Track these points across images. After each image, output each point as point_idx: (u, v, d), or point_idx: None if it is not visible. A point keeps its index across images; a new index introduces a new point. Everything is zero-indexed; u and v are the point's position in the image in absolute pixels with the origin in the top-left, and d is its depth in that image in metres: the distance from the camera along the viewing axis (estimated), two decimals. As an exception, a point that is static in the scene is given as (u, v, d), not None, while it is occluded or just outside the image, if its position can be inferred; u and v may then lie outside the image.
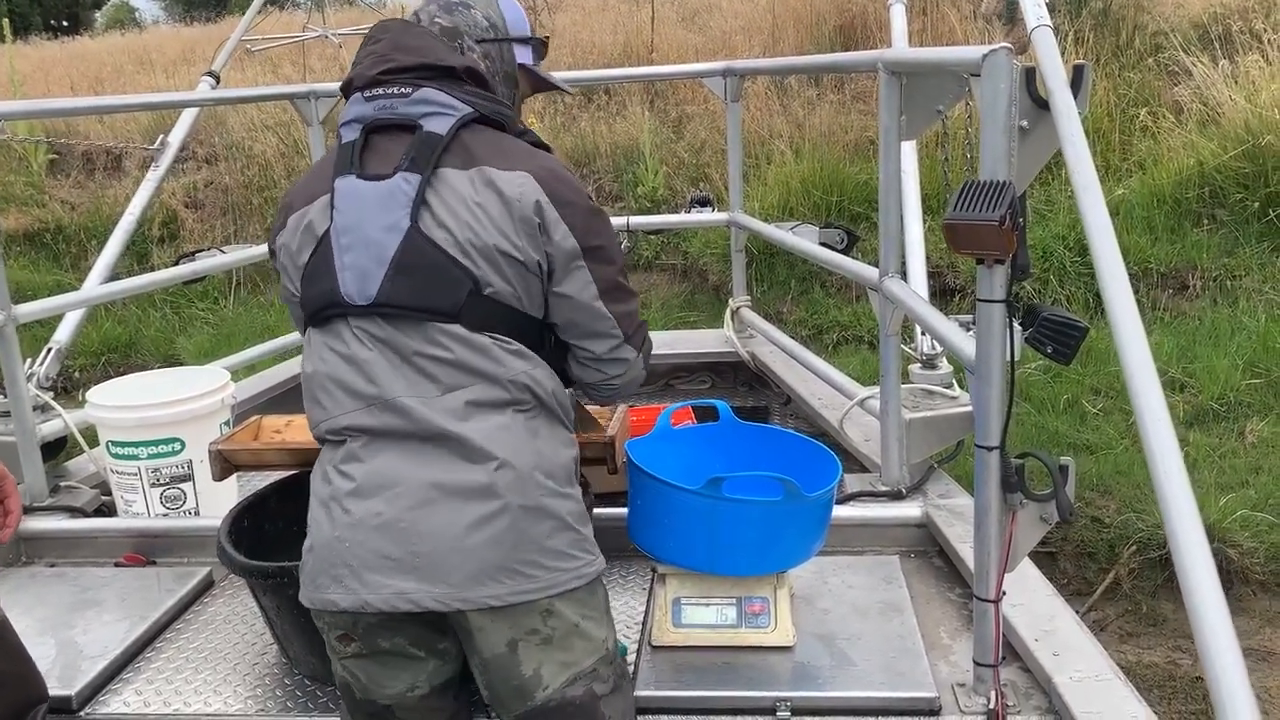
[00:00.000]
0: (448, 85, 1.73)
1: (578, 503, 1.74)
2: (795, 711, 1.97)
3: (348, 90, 1.79)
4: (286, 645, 2.23)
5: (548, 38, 2.06)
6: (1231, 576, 3.70)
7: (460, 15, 1.87)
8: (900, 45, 3.79)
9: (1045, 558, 3.88)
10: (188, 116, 4.31)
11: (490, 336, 1.68)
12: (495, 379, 1.67)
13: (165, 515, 2.93)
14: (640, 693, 2.02)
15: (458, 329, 1.66)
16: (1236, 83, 6.40)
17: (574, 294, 1.74)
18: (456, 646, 1.73)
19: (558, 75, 1.86)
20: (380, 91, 1.72)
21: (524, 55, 1.95)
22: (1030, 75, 1.79)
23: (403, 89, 1.71)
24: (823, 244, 3.54)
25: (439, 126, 1.69)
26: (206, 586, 2.62)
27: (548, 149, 1.82)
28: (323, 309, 1.72)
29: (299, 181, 1.84)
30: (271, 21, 9.52)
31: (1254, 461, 4.27)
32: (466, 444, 1.64)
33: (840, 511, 2.66)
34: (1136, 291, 5.88)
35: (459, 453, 1.64)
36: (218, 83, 4.34)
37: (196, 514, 2.96)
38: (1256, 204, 5.98)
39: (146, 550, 2.79)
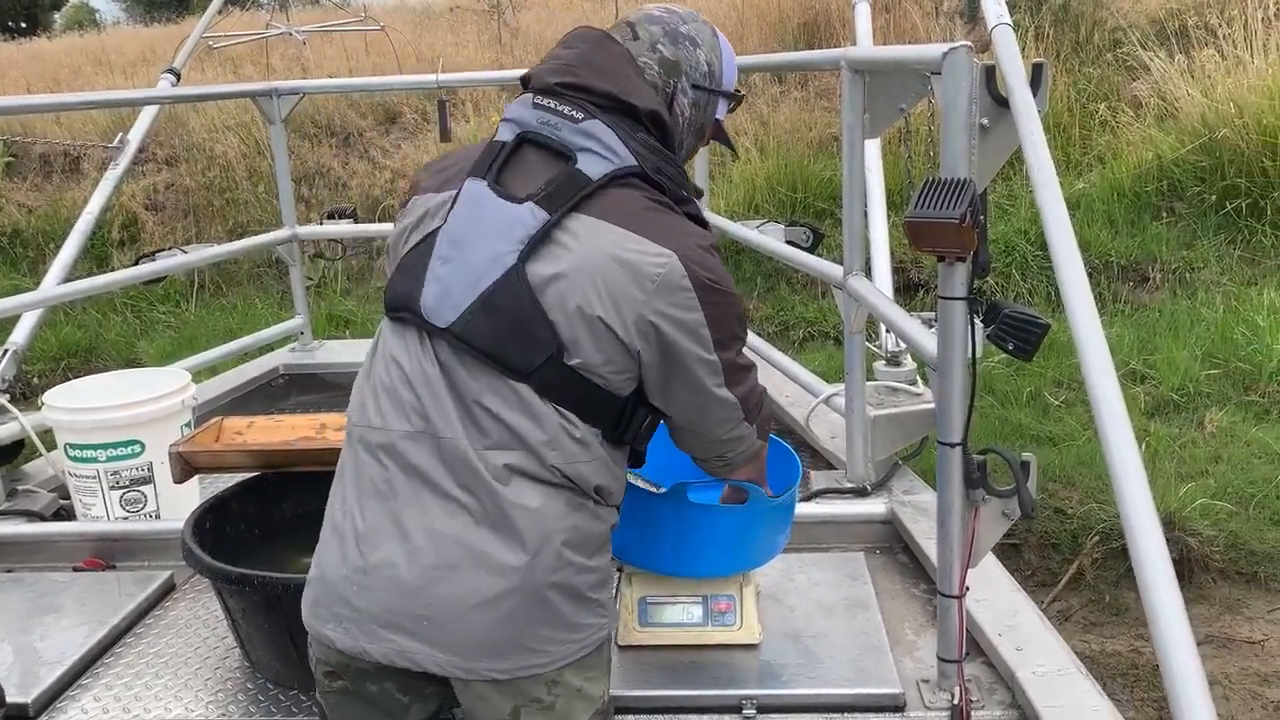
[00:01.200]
0: (623, 126, 1.57)
1: (603, 571, 1.62)
2: (761, 709, 1.97)
3: (525, 84, 1.66)
4: (250, 649, 2.21)
5: (744, 95, 1.91)
6: (1192, 565, 3.76)
7: (685, 51, 1.69)
8: (864, 43, 3.80)
9: (1010, 549, 3.93)
10: (148, 114, 4.25)
11: (557, 409, 1.51)
12: (540, 456, 1.51)
13: (125, 518, 2.90)
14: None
15: (525, 390, 1.50)
16: (1193, 77, 6.49)
17: (696, 386, 1.58)
18: (444, 690, 1.62)
19: (523, 73, 1.74)
20: (551, 105, 1.57)
21: (722, 110, 1.79)
22: (990, 73, 1.80)
23: (574, 112, 1.56)
24: (789, 242, 3.55)
25: (593, 169, 1.53)
26: (168, 590, 2.59)
27: (704, 224, 1.65)
28: (400, 309, 1.58)
29: (438, 160, 1.70)
30: (233, 21, 9.42)
31: (1213, 451, 4.33)
32: (503, 514, 1.51)
33: (806, 509, 2.67)
34: (1098, 285, 5.99)
35: (493, 520, 1.51)
36: (178, 80, 4.29)
37: (157, 517, 2.93)
38: (1214, 197, 6.07)
39: (106, 554, 2.75)
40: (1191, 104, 6.33)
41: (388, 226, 6.85)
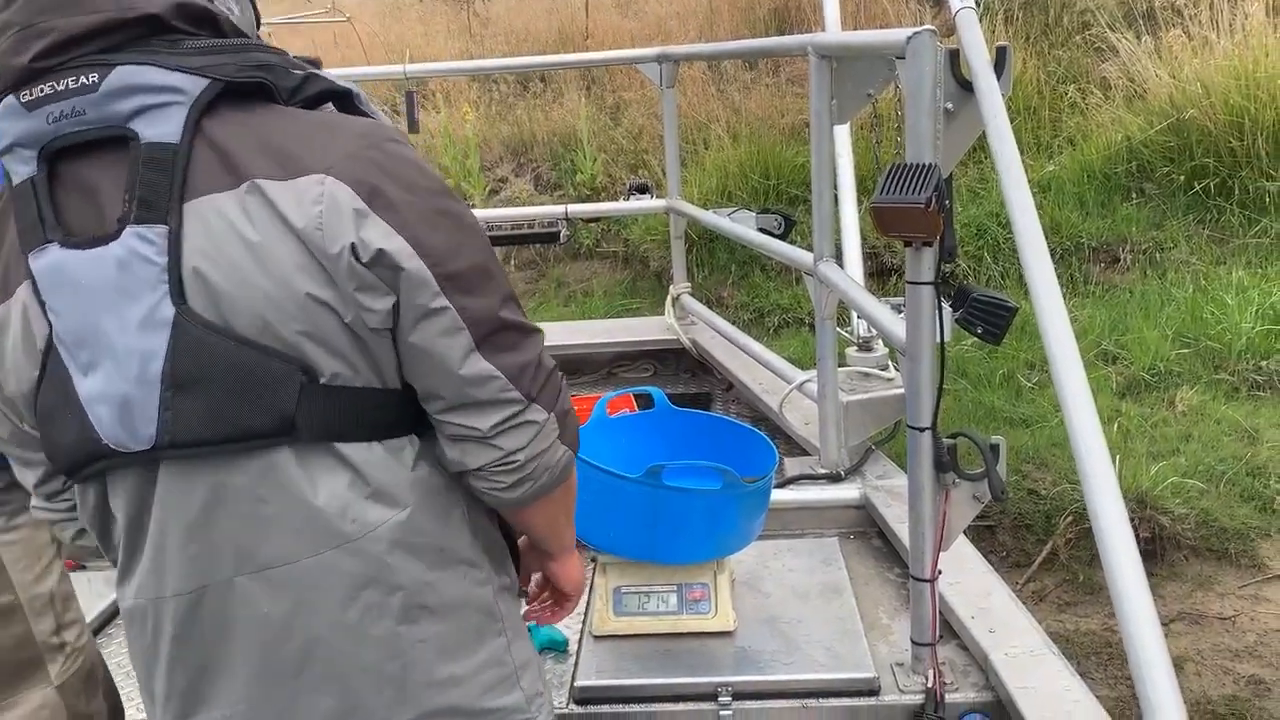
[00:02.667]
0: (156, 48, 1.08)
1: None
2: (737, 696, 1.98)
3: None
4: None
5: None
6: (1164, 543, 3.79)
7: None
8: (833, 29, 3.80)
9: (984, 530, 3.95)
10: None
11: (350, 448, 1.14)
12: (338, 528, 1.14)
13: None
14: (582, 682, 2.02)
15: (287, 454, 1.12)
16: (1161, 59, 6.52)
17: (431, 347, 1.13)
18: None
19: (492, 62, 1.53)
20: (46, 90, 1.05)
21: None
22: (954, 58, 1.80)
23: (85, 76, 1.05)
24: (761, 229, 3.55)
25: (164, 127, 1.07)
26: (140, 591, 2.57)
27: (361, 111, 1.20)
28: (83, 464, 1.14)
29: None
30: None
31: (1184, 430, 4.37)
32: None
33: (780, 495, 2.68)
34: (1069, 266, 6.02)
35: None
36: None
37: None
38: (1182, 177, 6.10)
39: (77, 554, 2.72)
40: (1160, 85, 6.36)
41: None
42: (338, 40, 9.78)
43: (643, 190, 4.29)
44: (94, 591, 2.52)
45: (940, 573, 1.91)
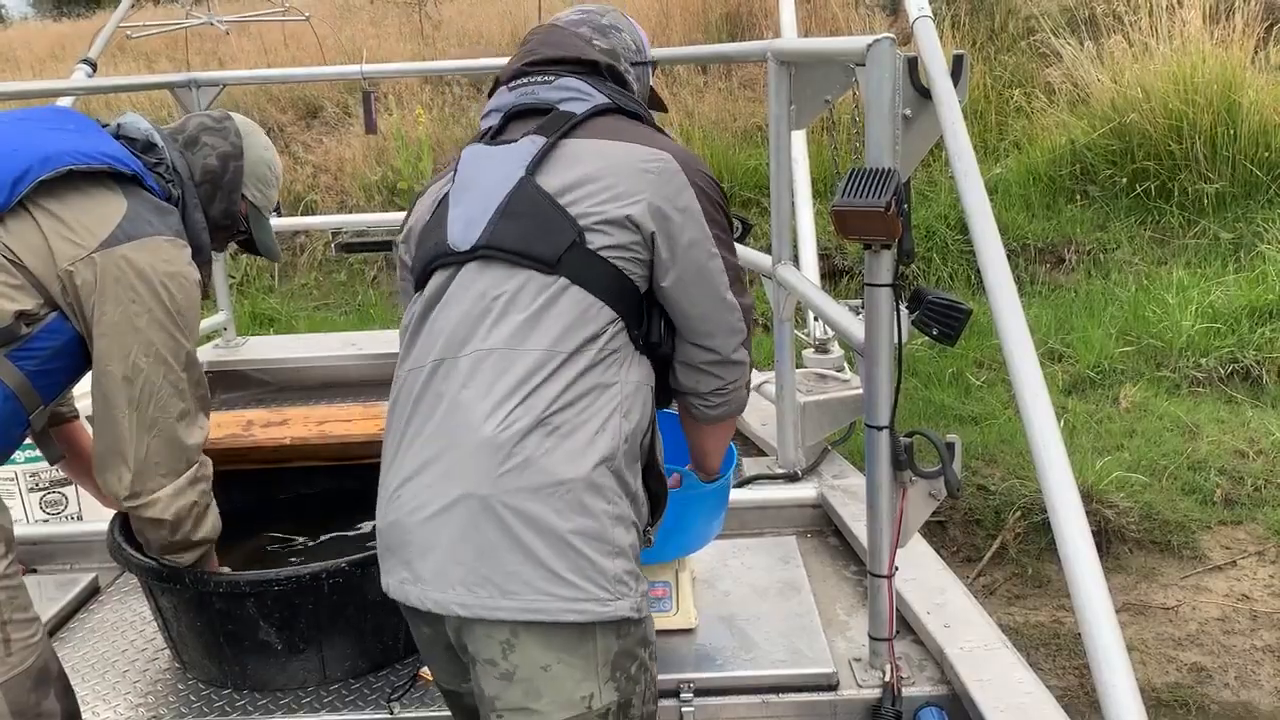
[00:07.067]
0: (590, 79, 1.70)
1: (611, 521, 1.45)
2: (699, 693, 2.01)
3: (497, 84, 1.76)
4: (181, 649, 2.18)
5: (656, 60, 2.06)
6: (1109, 536, 3.88)
7: (615, 38, 1.84)
8: (789, 35, 3.84)
9: (936, 526, 4.02)
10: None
11: (588, 294, 1.52)
12: (562, 350, 1.48)
13: (46, 521, 2.83)
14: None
15: (559, 282, 1.51)
16: (1103, 64, 6.66)
17: (708, 281, 1.60)
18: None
19: (447, 64, 1.82)
20: (524, 82, 1.69)
21: (650, 76, 1.95)
22: (913, 65, 1.84)
23: (546, 78, 1.68)
24: (716, 230, 3.57)
25: (576, 108, 1.64)
26: (92, 593, 2.54)
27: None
28: (430, 263, 1.61)
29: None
30: (150, 14, 9.16)
31: (1128, 425, 4.48)
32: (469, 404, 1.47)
33: (739, 495, 2.71)
34: (1016, 267, 6.12)
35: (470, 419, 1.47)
36: (94, 71, 4.16)
37: (79, 519, 2.86)
38: (1124, 179, 6.24)
39: (27, 558, 2.68)
40: (1102, 90, 6.50)
41: (312, 220, 6.68)
42: (289, 41, 9.67)
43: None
44: (45, 595, 2.48)
45: (897, 569, 1.95)
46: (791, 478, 2.83)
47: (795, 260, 2.87)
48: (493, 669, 1.44)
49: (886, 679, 1.97)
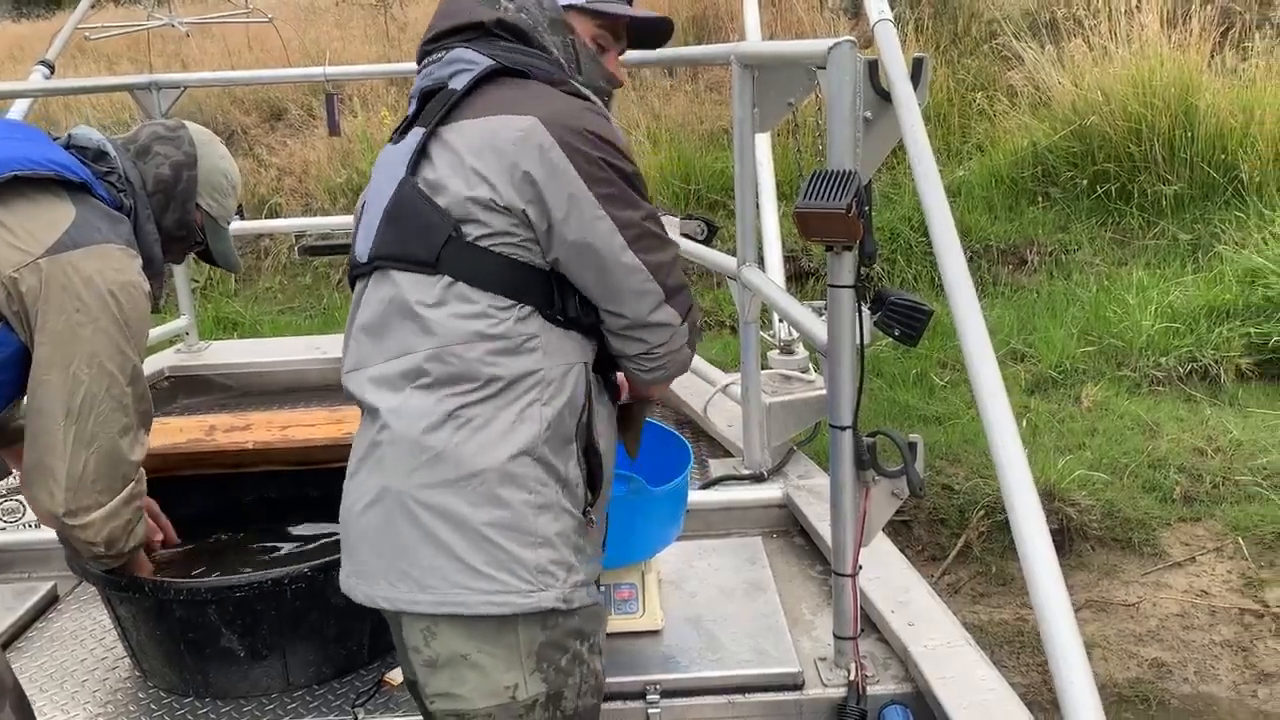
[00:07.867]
0: (480, 43, 1.62)
1: (531, 511, 1.46)
2: (665, 694, 2.01)
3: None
4: (141, 658, 2.15)
5: None
6: (1071, 533, 3.93)
7: None
8: (753, 38, 3.86)
9: (900, 525, 4.05)
10: (18, 110, 4.05)
11: (485, 293, 1.49)
12: (460, 353, 1.48)
13: (2, 529, 2.78)
14: (513, 686, 2.02)
15: (442, 281, 1.49)
16: (1064, 67, 6.74)
17: (596, 245, 1.50)
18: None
19: (413, 66, 1.75)
20: (429, 60, 1.67)
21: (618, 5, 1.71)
22: (873, 68, 1.85)
23: (442, 54, 1.64)
24: (684, 235, 3.58)
25: (460, 84, 1.58)
26: (51, 602, 2.51)
27: (589, 99, 1.62)
28: (352, 276, 1.66)
29: None
30: (110, 15, 9.01)
31: (1090, 424, 4.53)
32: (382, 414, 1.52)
33: (705, 496, 2.72)
34: (979, 268, 6.18)
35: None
36: (52, 73, 4.11)
37: (36, 527, 2.82)
38: (1085, 181, 6.33)
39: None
40: (1063, 92, 6.58)
41: (276, 223, 6.62)
42: (252, 43, 9.58)
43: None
44: (2, 605, 2.45)
45: (861, 568, 1.96)
46: (757, 478, 2.84)
47: (760, 262, 2.88)
48: (418, 656, 1.51)
49: (851, 678, 1.98)
